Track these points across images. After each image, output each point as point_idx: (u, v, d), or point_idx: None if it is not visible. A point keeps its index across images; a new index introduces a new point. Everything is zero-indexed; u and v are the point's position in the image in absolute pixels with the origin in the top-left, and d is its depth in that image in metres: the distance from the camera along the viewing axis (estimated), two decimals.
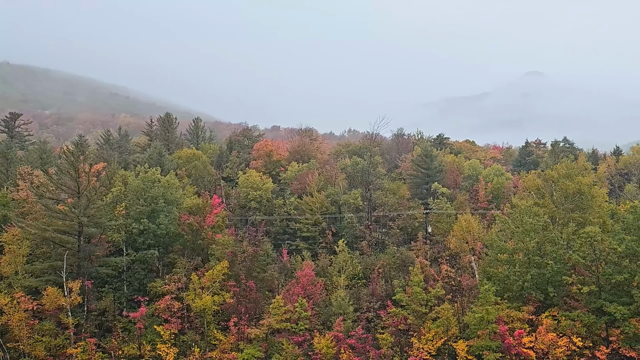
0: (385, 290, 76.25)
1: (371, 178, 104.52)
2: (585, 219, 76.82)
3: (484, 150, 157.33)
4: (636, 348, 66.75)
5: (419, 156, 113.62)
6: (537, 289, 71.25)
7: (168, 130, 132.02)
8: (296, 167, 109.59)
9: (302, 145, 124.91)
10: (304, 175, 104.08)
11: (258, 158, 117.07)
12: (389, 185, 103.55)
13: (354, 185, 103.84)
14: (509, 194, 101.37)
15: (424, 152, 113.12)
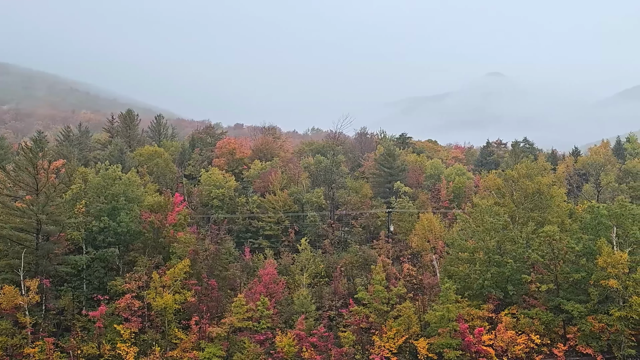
0: (348, 289, 76.46)
1: (334, 177, 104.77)
2: (544, 219, 78.02)
3: (446, 150, 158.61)
4: (592, 345, 68.07)
5: (381, 155, 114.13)
6: (497, 287, 72.17)
7: (129, 127, 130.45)
8: (259, 166, 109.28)
9: (265, 143, 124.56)
10: (267, 173, 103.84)
11: (221, 156, 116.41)
12: (351, 184, 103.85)
13: (317, 184, 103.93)
14: (470, 193, 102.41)
15: (387, 151, 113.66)
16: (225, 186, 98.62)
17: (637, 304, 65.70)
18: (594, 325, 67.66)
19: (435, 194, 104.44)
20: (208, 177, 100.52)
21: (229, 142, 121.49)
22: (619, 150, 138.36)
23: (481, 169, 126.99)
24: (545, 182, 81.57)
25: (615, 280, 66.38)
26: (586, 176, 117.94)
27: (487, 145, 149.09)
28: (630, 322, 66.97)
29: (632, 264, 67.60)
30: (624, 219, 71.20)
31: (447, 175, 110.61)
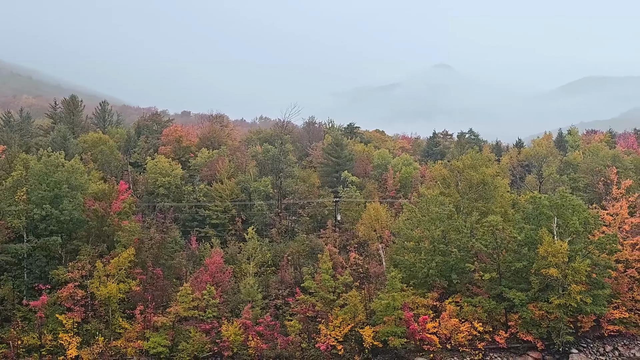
0: (294, 278, 76.59)
1: (282, 166, 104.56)
2: (488, 209, 79.41)
3: (393, 140, 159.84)
4: (533, 332, 69.75)
5: (329, 145, 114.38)
6: (442, 276, 73.26)
7: (73, 113, 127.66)
8: (206, 154, 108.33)
9: (212, 131, 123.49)
10: (214, 161, 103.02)
11: (167, 144, 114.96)
12: (299, 173, 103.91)
13: (264, 173, 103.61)
14: (417, 183, 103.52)
15: (335, 141, 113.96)
16: (172, 174, 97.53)
17: (575, 292, 67.52)
18: (534, 312, 69.29)
19: (382, 183, 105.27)
20: (154, 165, 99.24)
21: (175, 129, 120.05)
22: (560, 143, 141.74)
23: (427, 160, 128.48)
24: (489, 172, 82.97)
25: (555, 269, 68.03)
26: (529, 167, 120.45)
27: (434, 136, 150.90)
28: (568, 310, 68.80)
29: (571, 253, 69.36)
30: (565, 209, 72.96)
31: (394, 165, 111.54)
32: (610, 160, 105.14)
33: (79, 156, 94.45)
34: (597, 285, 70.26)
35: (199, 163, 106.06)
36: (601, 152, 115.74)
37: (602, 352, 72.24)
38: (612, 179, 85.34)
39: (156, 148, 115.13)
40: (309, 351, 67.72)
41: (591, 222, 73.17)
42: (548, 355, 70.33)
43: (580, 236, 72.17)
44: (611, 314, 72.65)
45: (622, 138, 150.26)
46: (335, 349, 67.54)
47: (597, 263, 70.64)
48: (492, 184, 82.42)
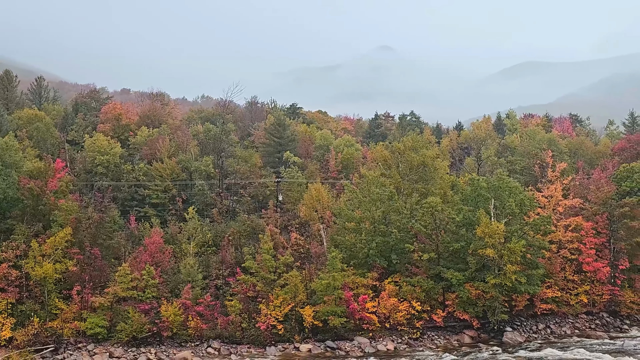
0: (235, 258, 76.42)
1: (223, 145, 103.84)
2: (428, 190, 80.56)
3: (335, 121, 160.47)
4: (469, 311, 71.34)
5: (272, 125, 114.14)
6: (382, 256, 74.10)
7: (7, 88, 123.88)
8: (146, 132, 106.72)
9: (153, 109, 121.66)
10: (154, 140, 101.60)
11: (106, 121, 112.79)
12: (241, 153, 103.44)
13: (206, 152, 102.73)
14: (358, 164, 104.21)
15: (277, 121, 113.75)
16: (111, 153, 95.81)
17: (510, 272, 69.25)
18: (471, 292, 70.83)
19: (324, 164, 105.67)
20: (92, 143, 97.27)
21: (114, 107, 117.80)
22: (499, 126, 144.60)
23: (369, 141, 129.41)
24: (429, 155, 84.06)
25: (492, 249, 69.55)
26: (468, 150, 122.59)
27: (376, 118, 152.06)
28: (504, 289, 70.55)
29: (507, 234, 71.01)
30: (502, 191, 74.54)
31: (336, 146, 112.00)
32: (546, 144, 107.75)
33: (13, 133, 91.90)
34: (532, 265, 72.22)
35: (139, 142, 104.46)
36: (538, 135, 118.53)
37: (534, 330, 74.45)
38: (547, 162, 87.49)
39: (94, 126, 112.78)
40: (249, 331, 67.83)
41: (527, 203, 74.98)
42: (483, 333, 72.11)
43: (516, 217, 73.89)
44: (544, 293, 74.80)
45: (558, 122, 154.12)
46: (275, 329, 67.81)
47: (531, 244, 72.53)
48: (432, 166, 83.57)
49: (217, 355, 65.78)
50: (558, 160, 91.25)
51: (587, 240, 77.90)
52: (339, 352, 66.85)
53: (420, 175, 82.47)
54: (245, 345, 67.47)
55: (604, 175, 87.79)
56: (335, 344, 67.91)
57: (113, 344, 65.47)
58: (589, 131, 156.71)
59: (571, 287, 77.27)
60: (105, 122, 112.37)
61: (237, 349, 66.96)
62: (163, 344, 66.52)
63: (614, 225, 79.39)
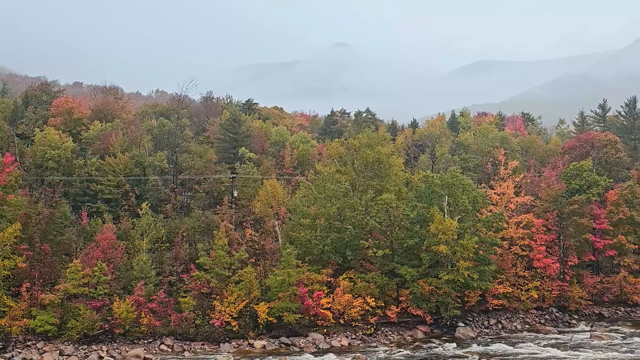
0: (189, 254, 75.79)
1: (178, 140, 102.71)
2: (383, 187, 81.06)
3: (291, 118, 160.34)
4: (422, 307, 72.06)
5: (227, 120, 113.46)
6: (337, 252, 74.33)
7: None
8: (99, 127, 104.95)
9: (106, 103, 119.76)
10: (107, 135, 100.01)
11: (57, 115, 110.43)
12: (196, 149, 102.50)
13: (160, 148, 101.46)
14: (314, 160, 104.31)
15: (233, 117, 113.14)
16: (62, 147, 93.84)
17: (463, 268, 70.14)
18: (424, 288, 71.54)
19: (280, 160, 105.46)
20: (43, 137, 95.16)
21: (66, 100, 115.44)
22: (453, 124, 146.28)
23: (325, 137, 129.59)
24: (384, 151, 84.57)
25: (445, 246, 70.37)
26: (423, 147, 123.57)
27: (332, 114, 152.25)
28: (456, 285, 71.44)
29: (460, 231, 71.91)
30: (455, 188, 75.42)
31: (291, 142, 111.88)
32: (498, 142, 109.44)
33: None
34: (484, 261, 73.27)
35: (91, 136, 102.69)
36: (491, 133, 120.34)
37: (486, 325, 75.61)
38: (500, 160, 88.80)
39: (45, 120, 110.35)
40: (203, 327, 67.36)
41: (479, 201, 76.05)
42: (436, 329, 72.92)
43: (469, 214, 74.86)
44: (495, 289, 76.02)
45: (510, 121, 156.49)
46: (229, 325, 67.46)
47: (484, 240, 73.59)
48: (387, 162, 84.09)
49: (170, 352, 65.16)
50: (510, 158, 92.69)
51: (538, 237, 79.46)
52: (294, 348, 66.86)
53: (375, 172, 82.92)
54: (199, 342, 66.97)
55: (554, 173, 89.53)
56: (289, 340, 67.93)
57: (63, 341, 64.29)
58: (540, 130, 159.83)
59: (522, 283, 78.71)
60: (57, 116, 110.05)
61: (190, 345, 66.43)
62: (115, 342, 65.59)
63: (564, 223, 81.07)
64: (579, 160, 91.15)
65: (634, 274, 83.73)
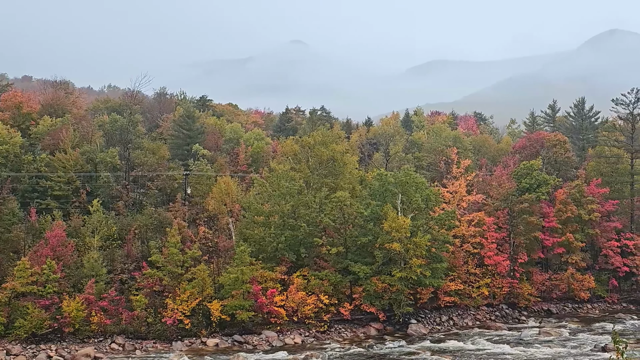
0: (141, 252, 74.91)
1: (130, 137, 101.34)
2: (337, 185, 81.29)
3: (246, 115, 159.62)
4: (375, 304, 72.54)
5: (180, 117, 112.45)
6: (290, 250, 74.31)
7: None
8: (49, 122, 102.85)
9: (56, 98, 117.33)
10: (57, 130, 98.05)
11: (5, 110, 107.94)
12: (149, 145, 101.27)
13: (112, 144, 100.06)
14: (268, 158, 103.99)
15: (186, 113, 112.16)
16: (10, 142, 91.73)
17: (416, 265, 70.83)
18: (377, 285, 72.02)
19: (234, 157, 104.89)
20: None
21: (15, 95, 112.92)
22: (407, 123, 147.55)
23: (279, 135, 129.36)
24: (339, 149, 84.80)
25: (398, 243, 70.93)
26: (377, 145, 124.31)
27: (286, 112, 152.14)
28: (409, 282, 72.12)
29: (413, 229, 72.58)
30: (408, 186, 76.10)
31: (246, 139, 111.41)
32: (451, 141, 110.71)
33: None
34: (436, 259, 74.11)
35: (41, 131, 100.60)
36: (444, 132, 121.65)
37: (438, 322, 76.51)
38: (452, 159, 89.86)
39: None
40: (155, 326, 66.67)
41: (432, 199, 76.87)
42: (389, 326, 73.51)
43: (422, 212, 75.62)
44: (447, 286, 76.98)
45: (463, 120, 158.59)
46: (182, 323, 66.91)
47: (436, 238, 74.42)
48: (342, 160, 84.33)
49: (122, 351, 64.31)
50: (462, 157, 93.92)
51: (489, 234, 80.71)
52: (247, 346, 66.65)
53: (330, 170, 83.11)
54: (151, 340, 66.29)
55: (505, 172, 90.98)
56: (242, 338, 67.69)
57: (11, 340, 62.94)
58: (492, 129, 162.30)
59: (473, 280, 79.85)
60: (5, 111, 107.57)
61: (142, 344, 65.68)
62: (64, 341, 64.47)
63: (514, 221, 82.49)
64: (529, 159, 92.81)
65: (581, 271, 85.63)
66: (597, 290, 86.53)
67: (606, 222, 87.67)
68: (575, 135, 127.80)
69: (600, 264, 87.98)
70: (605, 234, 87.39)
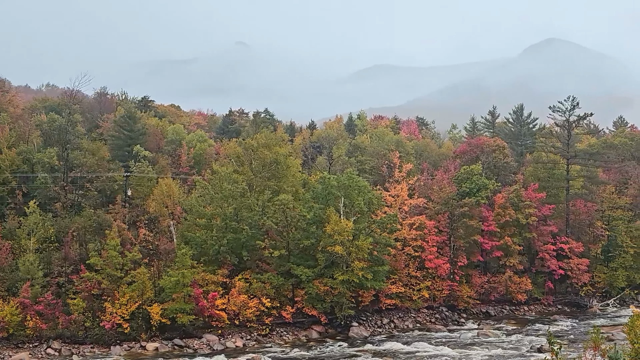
0: (80, 254, 73.29)
1: (69, 137, 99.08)
2: (280, 187, 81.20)
3: (188, 116, 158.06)
4: (317, 307, 72.72)
5: (121, 117, 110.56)
6: (233, 252, 73.89)
7: None
8: None
9: None
10: None
11: None
12: (88, 146, 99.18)
13: (50, 144, 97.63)
14: (211, 160, 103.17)
15: (128, 114, 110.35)
16: None
17: (358, 268, 71.28)
18: (319, 288, 72.21)
19: (176, 159, 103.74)
20: None
21: None
22: (350, 126, 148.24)
23: (223, 137, 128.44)
24: (282, 152, 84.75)
25: (341, 246, 71.26)
26: (320, 148, 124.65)
27: (230, 114, 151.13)
28: (351, 285, 72.50)
29: (355, 232, 73.04)
30: (351, 190, 76.56)
31: (188, 141, 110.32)
32: (394, 145, 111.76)
33: None
34: (378, 262, 74.72)
35: None
36: (386, 137, 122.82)
37: (379, 325, 77.12)
38: (395, 163, 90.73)
39: None
40: (93, 330, 65.41)
41: (375, 202, 77.50)
42: (331, 329, 73.76)
43: (364, 215, 76.15)
44: (389, 289, 77.67)
45: (405, 124, 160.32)
46: (121, 327, 65.82)
47: (378, 241, 75.03)
48: (285, 163, 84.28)
49: (58, 356, 62.92)
50: (405, 161, 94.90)
51: (430, 238, 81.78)
52: (187, 350, 65.98)
53: (273, 173, 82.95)
54: (89, 344, 65.06)
55: (446, 177, 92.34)
56: (183, 342, 67.00)
57: None
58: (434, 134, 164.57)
59: (414, 282, 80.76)
60: None
61: (79, 349, 64.38)
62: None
63: (454, 224, 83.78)
64: (470, 164, 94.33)
65: (518, 273, 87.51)
66: (534, 292, 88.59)
67: (543, 226, 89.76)
68: (514, 141, 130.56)
69: (536, 266, 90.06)
70: (541, 237, 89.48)
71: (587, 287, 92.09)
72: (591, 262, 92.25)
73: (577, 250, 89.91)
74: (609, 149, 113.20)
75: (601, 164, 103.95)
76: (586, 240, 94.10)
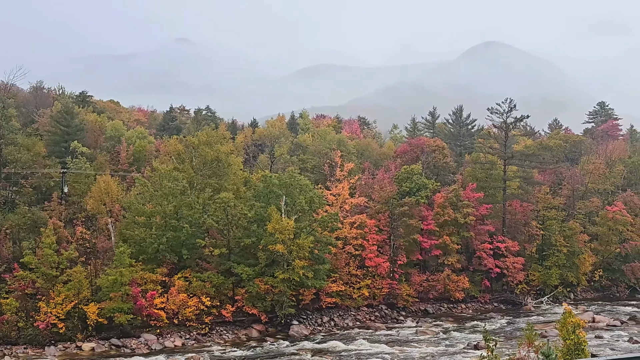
0: (13, 253, 71.43)
1: (3, 132, 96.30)
2: (221, 185, 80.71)
3: (128, 112, 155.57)
4: (258, 306, 72.53)
5: (58, 112, 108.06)
6: (172, 251, 73.12)
7: None
8: None
9: None
10: None
11: None
12: (23, 141, 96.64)
13: None
14: (151, 157, 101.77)
15: (65, 109, 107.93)
16: None
17: (299, 267, 71.35)
18: (260, 287, 72.02)
19: (115, 156, 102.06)
20: None
21: None
22: (292, 125, 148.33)
23: (163, 134, 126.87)
24: (224, 150, 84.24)
25: (282, 245, 71.21)
26: (262, 147, 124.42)
27: (171, 111, 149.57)
28: (292, 284, 72.52)
29: (297, 230, 73.08)
30: (293, 188, 76.61)
31: (128, 137, 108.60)
32: (336, 144, 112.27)
33: None
34: (319, 260, 74.94)
35: None
36: (328, 136, 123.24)
37: (320, 323, 77.35)
38: (336, 162, 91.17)
39: None
40: (26, 330, 63.75)
41: (316, 201, 77.70)
42: (271, 327, 73.65)
43: (305, 214, 76.27)
44: (329, 287, 78.00)
45: (347, 124, 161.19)
46: (56, 327, 64.33)
47: (319, 240, 75.25)
48: (226, 161, 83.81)
49: None
50: (346, 160, 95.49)
51: (370, 237, 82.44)
52: (125, 349, 64.91)
53: (214, 171, 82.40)
54: (22, 345, 63.37)
55: (387, 176, 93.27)
56: (120, 342, 65.90)
57: None
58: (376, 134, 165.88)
59: (354, 281, 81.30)
60: None
61: (12, 349, 62.61)
62: None
63: (395, 223, 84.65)
64: (410, 164, 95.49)
65: (456, 272, 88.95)
66: (471, 290, 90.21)
67: (480, 225, 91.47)
68: (453, 142, 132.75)
69: (474, 265, 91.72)
70: (479, 236, 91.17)
71: (522, 285, 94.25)
72: (526, 261, 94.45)
73: (513, 249, 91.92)
74: (544, 150, 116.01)
75: (537, 165, 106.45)
76: (522, 239, 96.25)
